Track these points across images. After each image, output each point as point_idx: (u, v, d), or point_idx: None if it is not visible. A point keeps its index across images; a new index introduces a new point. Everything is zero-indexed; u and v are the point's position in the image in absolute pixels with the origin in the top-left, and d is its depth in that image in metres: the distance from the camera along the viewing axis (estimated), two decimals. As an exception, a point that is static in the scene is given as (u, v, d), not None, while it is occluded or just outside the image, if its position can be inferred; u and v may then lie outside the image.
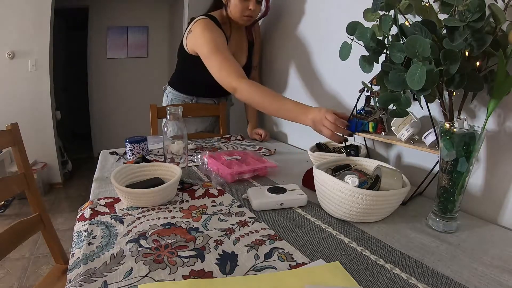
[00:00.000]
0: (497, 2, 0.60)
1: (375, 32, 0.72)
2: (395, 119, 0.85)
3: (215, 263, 0.52)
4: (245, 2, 1.18)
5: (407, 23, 0.69)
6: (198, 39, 1.17)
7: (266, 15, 1.38)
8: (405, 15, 0.71)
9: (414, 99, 0.82)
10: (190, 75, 1.38)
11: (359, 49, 0.75)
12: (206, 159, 0.99)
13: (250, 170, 0.92)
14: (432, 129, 0.76)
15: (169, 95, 1.53)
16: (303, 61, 1.40)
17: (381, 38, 0.73)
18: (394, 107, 0.69)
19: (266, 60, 1.71)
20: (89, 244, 0.57)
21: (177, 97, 1.50)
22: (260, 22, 1.57)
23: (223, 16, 1.27)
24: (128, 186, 0.76)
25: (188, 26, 1.27)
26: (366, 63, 0.75)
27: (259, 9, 1.26)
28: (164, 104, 1.56)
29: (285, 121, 1.57)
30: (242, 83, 1.06)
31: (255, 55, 1.52)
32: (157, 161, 1.07)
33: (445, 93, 0.70)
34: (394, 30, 0.70)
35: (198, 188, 0.83)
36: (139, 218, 0.67)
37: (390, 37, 0.71)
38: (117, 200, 0.76)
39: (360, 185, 0.67)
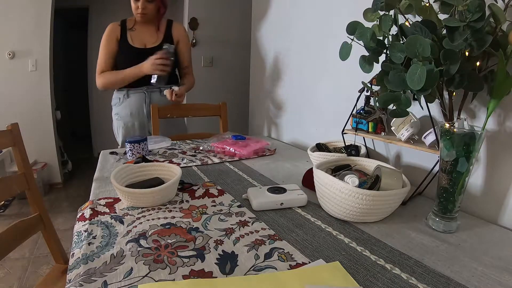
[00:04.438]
0: (497, 2, 0.60)
1: (375, 32, 0.72)
2: (394, 119, 0.85)
3: (215, 263, 0.52)
4: (136, 2, 1.41)
5: (407, 23, 0.69)
6: None
7: (164, 13, 1.51)
8: (405, 15, 0.71)
9: (414, 99, 0.82)
10: (116, 68, 1.50)
11: (359, 49, 0.75)
12: (214, 146, 1.23)
13: (261, 147, 1.24)
14: (432, 129, 0.76)
15: (112, 96, 1.57)
16: (303, 61, 1.40)
17: (381, 38, 0.73)
18: (394, 107, 0.69)
19: (266, 59, 1.71)
20: (89, 244, 0.57)
21: (115, 95, 1.54)
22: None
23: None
24: (128, 186, 0.76)
25: None
26: (366, 63, 0.75)
27: (151, 7, 1.42)
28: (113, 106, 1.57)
29: (286, 122, 1.58)
30: (99, 77, 1.45)
31: (183, 55, 1.58)
32: (157, 161, 1.07)
33: (445, 93, 0.70)
34: (394, 30, 0.70)
35: (198, 188, 0.83)
36: (139, 218, 0.67)
37: (390, 37, 0.71)
38: (117, 200, 0.76)
39: (360, 185, 0.67)
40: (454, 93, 0.69)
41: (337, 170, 0.78)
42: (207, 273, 0.49)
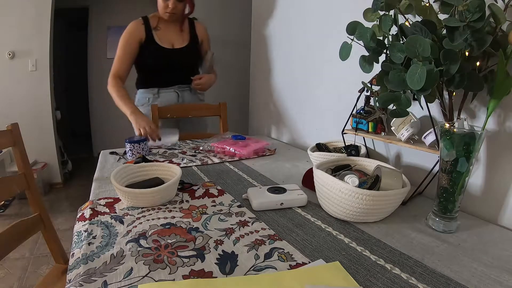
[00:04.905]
0: (497, 2, 0.60)
1: (375, 32, 0.72)
2: (394, 119, 0.85)
3: (215, 263, 0.52)
4: (165, 1, 1.38)
5: (407, 23, 0.69)
6: None
7: (192, 13, 1.51)
8: (405, 15, 0.71)
9: (414, 99, 0.82)
10: (144, 68, 1.50)
11: (359, 49, 0.75)
12: (214, 147, 1.22)
13: (261, 147, 1.24)
14: (432, 129, 0.76)
15: (136, 97, 1.56)
16: (303, 61, 1.40)
17: (381, 38, 0.73)
18: (394, 107, 0.69)
19: (266, 59, 1.71)
20: (89, 244, 0.57)
21: (142, 95, 1.53)
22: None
23: (156, 13, 1.48)
24: (128, 186, 0.76)
25: None
26: (366, 63, 0.75)
27: (181, 6, 1.42)
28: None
29: (286, 122, 1.58)
30: (111, 80, 1.41)
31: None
32: (157, 161, 1.07)
33: (445, 93, 0.70)
34: (394, 30, 0.70)
35: (198, 188, 0.83)
36: (139, 218, 0.67)
37: (390, 37, 0.71)
38: (117, 200, 0.76)
39: (360, 185, 0.67)
40: (454, 93, 0.68)
41: (337, 170, 0.78)
42: (207, 273, 0.49)
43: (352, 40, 0.75)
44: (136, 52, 1.43)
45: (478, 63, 0.64)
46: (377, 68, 0.74)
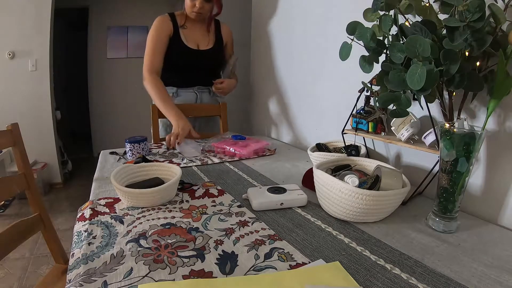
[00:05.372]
0: (497, 2, 0.60)
1: (375, 32, 0.72)
2: (394, 119, 0.85)
3: (215, 263, 0.52)
4: (193, 1, 1.37)
5: (407, 23, 0.69)
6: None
7: (219, 14, 1.50)
8: (405, 15, 0.71)
9: (414, 99, 0.82)
10: (166, 65, 1.47)
11: (359, 49, 0.75)
12: (214, 147, 1.22)
13: (261, 147, 1.23)
14: (432, 129, 0.76)
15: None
16: (303, 61, 1.40)
17: (381, 38, 0.73)
18: (394, 107, 0.69)
19: (266, 59, 1.71)
20: (89, 244, 0.57)
21: None
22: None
23: (183, 11, 1.47)
24: (128, 186, 0.76)
25: None
26: (366, 63, 0.75)
27: (208, 7, 1.40)
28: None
29: (286, 122, 1.58)
30: (150, 76, 1.38)
31: (229, 57, 1.59)
32: (157, 161, 1.07)
33: (445, 93, 0.70)
34: (394, 30, 0.70)
35: (198, 188, 0.83)
36: (139, 218, 0.67)
37: (390, 37, 0.71)
38: (117, 200, 0.76)
39: (360, 185, 0.67)
40: (454, 93, 0.69)
41: (337, 170, 0.78)
42: (207, 273, 0.49)
43: (352, 40, 0.75)
44: (166, 47, 1.42)
45: (478, 63, 0.64)
46: (377, 68, 0.74)
